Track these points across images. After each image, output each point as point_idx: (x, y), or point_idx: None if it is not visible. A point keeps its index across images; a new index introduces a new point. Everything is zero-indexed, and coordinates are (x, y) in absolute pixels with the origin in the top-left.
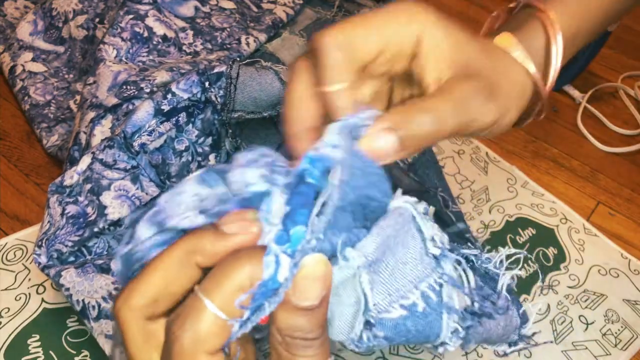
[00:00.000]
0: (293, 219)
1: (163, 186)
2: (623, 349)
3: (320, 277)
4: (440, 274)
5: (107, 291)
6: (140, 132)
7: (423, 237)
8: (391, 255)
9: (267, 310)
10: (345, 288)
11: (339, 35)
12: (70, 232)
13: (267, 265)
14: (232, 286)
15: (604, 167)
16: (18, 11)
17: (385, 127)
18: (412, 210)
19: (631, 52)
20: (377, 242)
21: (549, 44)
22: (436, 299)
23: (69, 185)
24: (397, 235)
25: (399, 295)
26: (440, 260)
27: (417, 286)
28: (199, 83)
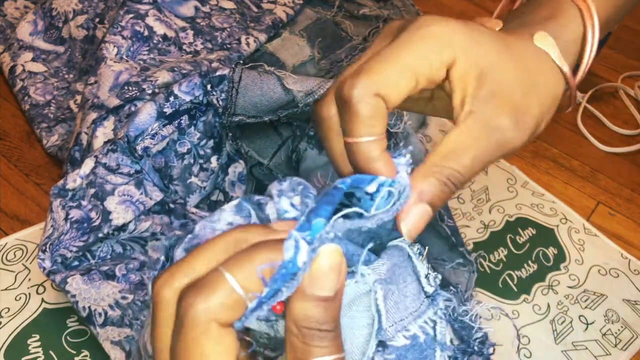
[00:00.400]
0: (316, 212)
1: (167, 191)
2: (623, 349)
3: (336, 267)
4: (435, 311)
5: (114, 299)
6: (143, 136)
7: (418, 275)
8: (395, 285)
9: (284, 293)
10: (359, 307)
11: (370, 85)
12: (74, 237)
13: (287, 248)
14: (252, 264)
15: (604, 167)
16: (18, 11)
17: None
18: (408, 250)
19: (631, 52)
20: (388, 264)
21: (585, 34)
22: (431, 335)
23: (71, 189)
24: (399, 267)
25: (402, 326)
26: (434, 298)
27: (416, 320)
28: (201, 85)
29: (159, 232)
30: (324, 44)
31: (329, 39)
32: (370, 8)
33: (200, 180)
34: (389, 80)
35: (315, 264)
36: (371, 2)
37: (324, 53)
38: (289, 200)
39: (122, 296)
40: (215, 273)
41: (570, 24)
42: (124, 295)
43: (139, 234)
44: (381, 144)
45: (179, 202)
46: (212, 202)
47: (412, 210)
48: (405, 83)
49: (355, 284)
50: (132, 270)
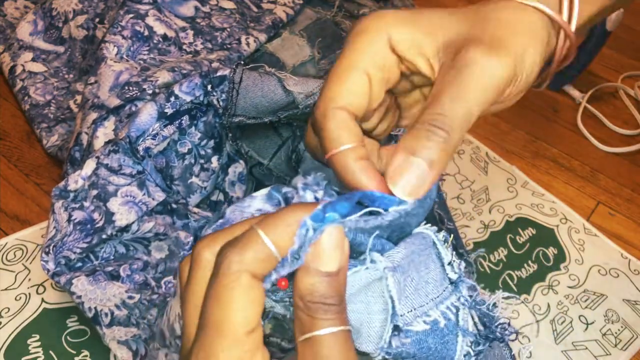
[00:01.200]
0: (333, 206)
1: (169, 191)
2: (623, 349)
3: (338, 245)
4: (458, 297)
5: (120, 299)
6: (144, 136)
7: (442, 262)
8: (415, 272)
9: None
10: (373, 293)
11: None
12: (78, 238)
13: (298, 236)
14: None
15: (604, 167)
16: (18, 11)
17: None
18: (433, 237)
19: (631, 52)
20: (403, 252)
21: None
22: (454, 320)
23: (73, 190)
24: (420, 254)
25: (422, 312)
26: (457, 285)
27: (437, 306)
28: (201, 86)
29: (162, 233)
30: (324, 44)
31: (329, 39)
32: (370, 8)
33: (201, 181)
34: (340, 88)
35: (319, 242)
36: (371, 2)
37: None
38: (314, 194)
39: (128, 296)
40: (250, 231)
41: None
42: (130, 295)
43: (142, 235)
44: (355, 152)
45: (181, 202)
46: (212, 202)
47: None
48: (356, 82)
49: (366, 270)
50: (136, 270)
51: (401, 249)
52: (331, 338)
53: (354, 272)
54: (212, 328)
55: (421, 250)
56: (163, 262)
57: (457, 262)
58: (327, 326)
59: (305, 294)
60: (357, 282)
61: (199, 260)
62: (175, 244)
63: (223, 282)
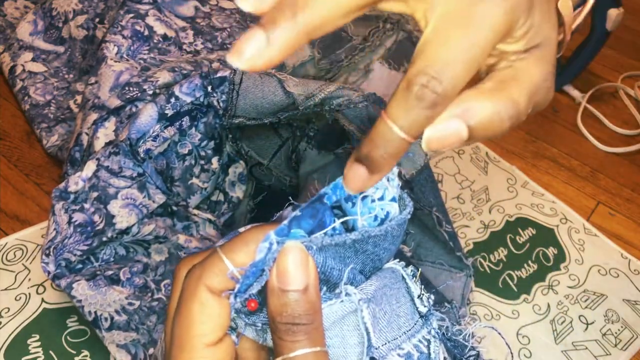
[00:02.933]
0: (298, 222)
1: (169, 193)
2: (623, 349)
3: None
4: (428, 330)
5: (120, 305)
6: (145, 138)
7: (412, 296)
8: (387, 305)
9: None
10: (348, 326)
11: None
12: (78, 241)
13: (260, 249)
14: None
15: (604, 167)
16: (18, 11)
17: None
18: (401, 271)
19: (631, 52)
20: (376, 285)
21: None
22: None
23: (73, 192)
24: (391, 288)
25: (396, 344)
26: (428, 318)
27: (410, 339)
28: (201, 87)
29: (162, 236)
30: (324, 44)
31: (329, 39)
32: None
33: (201, 181)
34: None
35: (279, 261)
36: None
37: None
38: None
39: (128, 302)
40: (212, 251)
41: None
42: (130, 302)
43: (142, 237)
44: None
45: (181, 205)
46: (212, 202)
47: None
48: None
49: (342, 303)
50: (136, 273)
51: (373, 281)
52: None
53: (329, 305)
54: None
55: (392, 284)
56: (163, 265)
57: (426, 295)
58: (297, 348)
59: (274, 315)
60: (332, 315)
61: (176, 279)
62: (175, 247)
63: (184, 296)
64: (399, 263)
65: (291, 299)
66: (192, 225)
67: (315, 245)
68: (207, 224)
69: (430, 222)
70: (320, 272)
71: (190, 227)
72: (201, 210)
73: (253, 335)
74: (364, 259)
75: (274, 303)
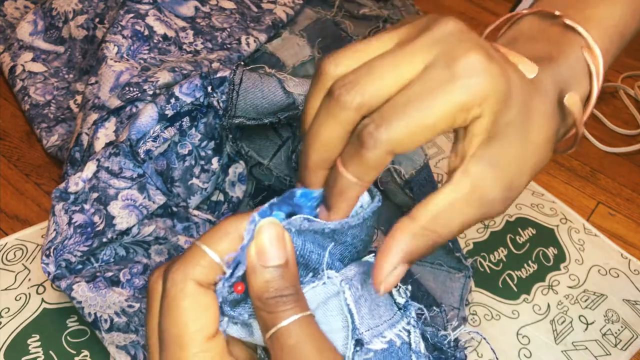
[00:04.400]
0: (279, 206)
1: (170, 194)
2: (623, 349)
3: (277, 238)
4: (408, 321)
5: (120, 307)
6: (145, 139)
7: None
8: (367, 293)
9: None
10: (332, 311)
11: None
12: (78, 242)
13: (247, 232)
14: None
15: (604, 167)
16: (18, 11)
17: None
18: None
19: (631, 52)
20: (355, 270)
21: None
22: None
23: (73, 192)
24: (370, 276)
25: (378, 332)
26: (407, 308)
27: (391, 328)
28: (202, 87)
29: (162, 237)
30: (324, 44)
31: (329, 39)
32: (370, 8)
33: (201, 182)
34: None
35: (257, 238)
36: (371, 2)
37: (324, 53)
38: None
39: (128, 305)
40: (191, 246)
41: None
42: (130, 304)
43: (142, 238)
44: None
45: (181, 205)
46: (212, 203)
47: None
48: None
49: (324, 286)
50: (135, 274)
51: (353, 267)
52: (296, 325)
53: (312, 288)
54: (171, 344)
55: (370, 274)
56: None
57: (403, 287)
58: (289, 316)
59: (261, 293)
60: (315, 298)
61: (151, 291)
62: (175, 248)
63: (170, 294)
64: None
65: (275, 274)
66: (192, 226)
67: (294, 228)
68: (207, 224)
69: None
70: (299, 256)
71: (190, 228)
72: (201, 210)
73: (238, 333)
74: (342, 250)
75: (259, 280)
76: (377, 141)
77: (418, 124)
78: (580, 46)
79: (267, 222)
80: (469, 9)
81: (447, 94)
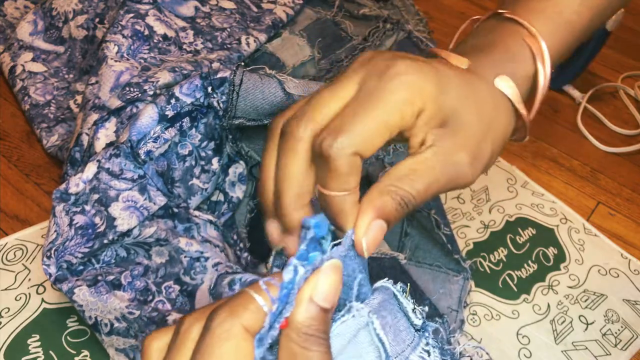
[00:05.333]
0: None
1: (170, 196)
2: (623, 349)
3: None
4: (426, 342)
5: (121, 313)
6: (146, 139)
7: (404, 311)
8: (390, 319)
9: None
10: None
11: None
12: (79, 243)
13: (287, 272)
14: None
15: (604, 167)
16: (18, 11)
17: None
18: (392, 288)
19: (631, 52)
20: (379, 299)
21: (537, 74)
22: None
23: (74, 193)
24: (390, 302)
25: (404, 357)
26: (425, 329)
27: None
28: (202, 87)
29: (163, 239)
30: (324, 44)
31: (329, 39)
32: (370, 8)
33: (201, 182)
34: (366, 138)
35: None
36: (371, 2)
37: (324, 53)
38: None
39: (128, 311)
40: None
41: (525, 63)
42: (130, 311)
43: (143, 239)
44: (353, 197)
45: (182, 206)
46: (212, 203)
47: (372, 226)
48: (380, 138)
49: (353, 319)
50: (137, 276)
51: (376, 295)
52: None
53: (342, 322)
54: None
55: (388, 299)
56: (164, 267)
57: (418, 309)
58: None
59: (304, 325)
60: (346, 332)
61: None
62: (175, 249)
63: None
64: (388, 281)
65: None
66: (193, 227)
67: None
68: (208, 225)
69: (428, 225)
70: None
71: (191, 228)
72: (201, 211)
73: None
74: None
75: (305, 314)
76: (338, 148)
77: (369, 121)
78: (521, 34)
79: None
80: (469, 9)
81: (388, 92)
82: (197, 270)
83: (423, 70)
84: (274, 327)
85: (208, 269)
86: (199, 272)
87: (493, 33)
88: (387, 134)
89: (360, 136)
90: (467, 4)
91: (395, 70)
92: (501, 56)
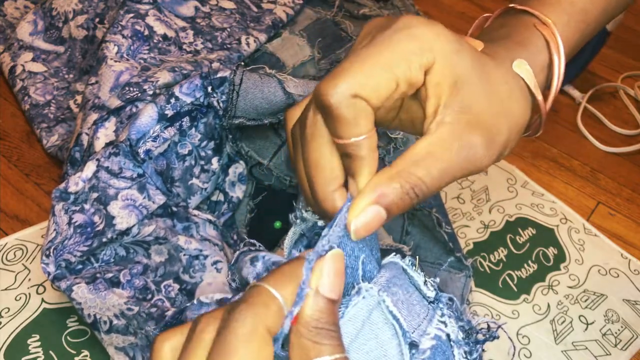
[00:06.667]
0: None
1: (169, 194)
2: (623, 349)
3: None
4: (441, 313)
5: (120, 310)
6: (145, 139)
7: (416, 285)
8: (402, 294)
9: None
10: (377, 323)
11: (347, 88)
12: (78, 242)
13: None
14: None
15: (604, 167)
16: (18, 11)
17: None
18: (401, 263)
19: (631, 52)
20: (386, 276)
21: (552, 63)
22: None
23: (74, 192)
24: (399, 278)
25: (422, 330)
26: (439, 300)
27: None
28: (202, 87)
29: (162, 237)
30: (324, 44)
31: (329, 39)
32: (370, 8)
33: (201, 182)
34: (367, 80)
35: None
36: (371, 2)
37: (324, 53)
38: None
39: (127, 308)
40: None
41: (539, 53)
42: (129, 307)
43: (142, 238)
44: (369, 141)
45: (181, 205)
46: (212, 203)
47: (368, 210)
48: (384, 83)
49: (364, 300)
50: (136, 275)
51: (383, 272)
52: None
53: (354, 305)
54: None
55: (398, 275)
56: (163, 266)
57: (429, 281)
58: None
59: (313, 319)
60: (359, 315)
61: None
62: (174, 248)
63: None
64: (395, 256)
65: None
66: (192, 226)
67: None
68: (207, 224)
69: (429, 223)
70: None
71: (190, 227)
72: (201, 210)
73: None
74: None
75: (313, 307)
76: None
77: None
78: (535, 25)
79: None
80: (469, 9)
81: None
82: (196, 269)
83: (435, 27)
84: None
85: (207, 267)
86: (198, 270)
87: (506, 26)
88: (393, 81)
89: (359, 78)
90: (467, 4)
91: (405, 23)
92: (515, 46)
